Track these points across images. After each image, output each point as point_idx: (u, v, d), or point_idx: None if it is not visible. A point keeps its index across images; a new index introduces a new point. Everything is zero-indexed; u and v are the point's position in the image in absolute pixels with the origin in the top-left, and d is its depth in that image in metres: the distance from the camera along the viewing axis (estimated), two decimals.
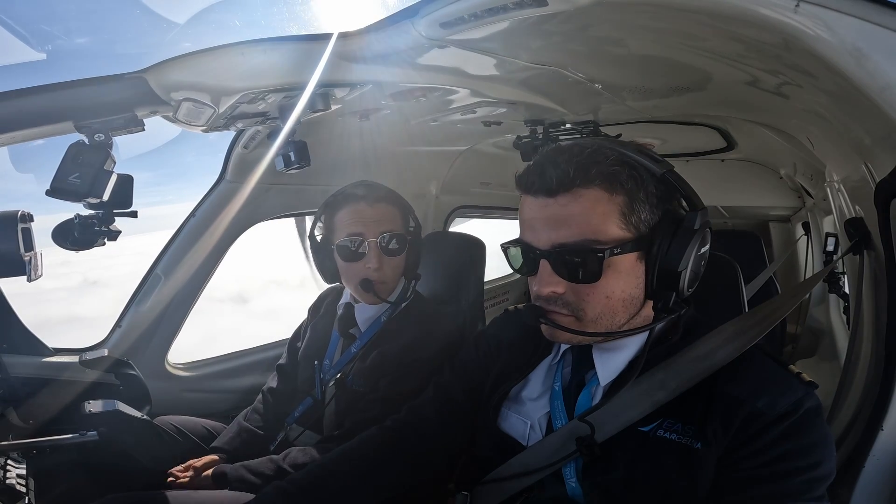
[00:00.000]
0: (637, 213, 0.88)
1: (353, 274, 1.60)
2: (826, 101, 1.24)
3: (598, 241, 0.87)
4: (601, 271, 0.87)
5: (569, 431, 0.97)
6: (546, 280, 0.91)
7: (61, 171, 1.18)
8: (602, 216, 0.87)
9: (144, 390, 1.88)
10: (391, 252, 1.60)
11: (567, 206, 0.88)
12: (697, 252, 0.90)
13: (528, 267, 0.96)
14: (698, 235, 0.88)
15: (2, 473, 1.36)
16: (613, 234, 0.87)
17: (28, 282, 1.25)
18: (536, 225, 0.92)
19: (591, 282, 0.89)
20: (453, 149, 2.86)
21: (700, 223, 0.88)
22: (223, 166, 2.09)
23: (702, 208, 0.89)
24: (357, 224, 1.57)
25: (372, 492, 1.11)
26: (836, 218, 1.89)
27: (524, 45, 1.30)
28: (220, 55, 1.19)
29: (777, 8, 0.85)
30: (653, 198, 0.89)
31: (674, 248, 0.88)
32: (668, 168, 0.90)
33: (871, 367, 1.36)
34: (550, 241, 0.90)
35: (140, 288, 2.11)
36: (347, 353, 1.67)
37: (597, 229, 0.87)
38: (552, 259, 0.90)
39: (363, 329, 1.68)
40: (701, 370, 0.91)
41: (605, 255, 0.86)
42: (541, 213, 0.91)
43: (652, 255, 0.89)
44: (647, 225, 0.89)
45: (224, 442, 1.67)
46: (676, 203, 0.93)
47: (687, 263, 0.88)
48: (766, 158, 3.12)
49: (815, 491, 0.82)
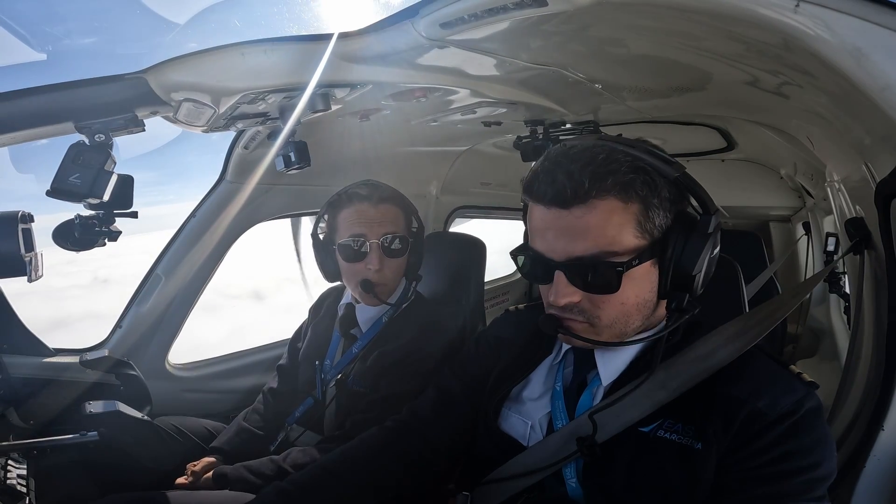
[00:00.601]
0: (652, 220, 0.87)
1: (354, 274, 1.60)
2: (826, 101, 1.24)
3: (615, 253, 0.85)
4: (619, 283, 0.86)
5: (569, 432, 0.97)
6: (563, 291, 0.89)
7: (62, 172, 1.18)
8: (618, 226, 0.85)
9: (145, 391, 1.88)
10: (393, 253, 1.60)
11: (582, 218, 0.85)
12: (710, 254, 0.89)
13: (540, 276, 0.94)
14: (712, 238, 0.88)
15: (2, 474, 1.36)
16: (629, 244, 0.86)
17: (28, 282, 1.26)
18: (549, 235, 0.89)
19: (608, 293, 0.88)
20: (453, 149, 2.86)
21: (714, 227, 0.87)
22: (223, 167, 2.09)
23: (715, 211, 0.88)
24: (360, 224, 1.57)
25: (372, 492, 1.11)
26: (837, 218, 1.88)
27: (524, 46, 1.30)
28: (220, 56, 1.19)
29: (777, 8, 0.84)
30: (666, 202, 0.88)
31: (688, 252, 0.87)
32: (681, 170, 0.89)
33: (871, 368, 1.36)
34: (566, 253, 0.88)
35: (140, 288, 2.11)
36: (348, 354, 1.67)
37: (613, 240, 0.85)
38: (568, 271, 0.89)
39: (364, 329, 1.68)
40: (701, 370, 0.91)
41: (624, 268, 0.85)
42: (554, 224, 0.88)
43: (666, 260, 0.88)
44: (660, 230, 0.88)
45: (223, 442, 1.67)
46: (688, 203, 0.92)
47: (701, 266, 0.88)
48: (767, 158, 3.12)
49: (816, 491, 0.82)
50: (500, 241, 3.24)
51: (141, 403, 1.84)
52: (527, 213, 0.97)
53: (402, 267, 1.66)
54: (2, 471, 1.37)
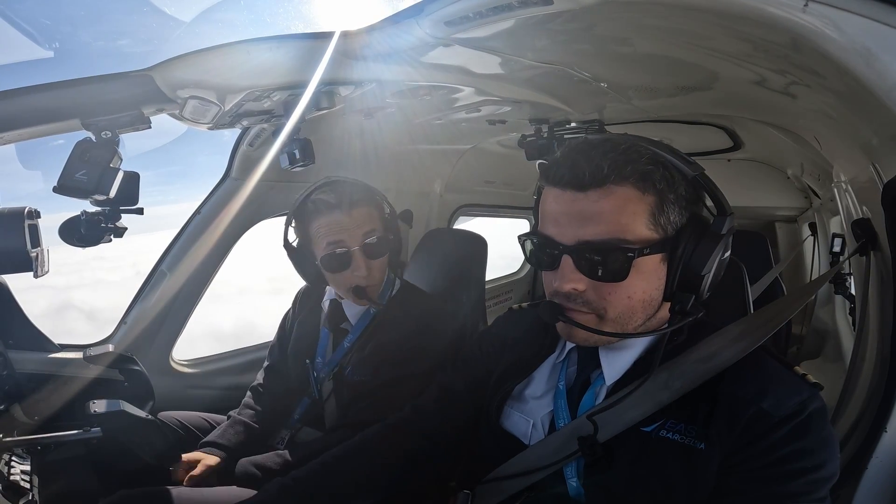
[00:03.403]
0: (666, 215, 0.87)
1: (343, 282, 1.57)
2: (834, 101, 1.23)
3: (626, 241, 0.85)
4: (628, 271, 0.86)
5: (571, 431, 0.97)
6: (568, 276, 0.89)
7: (68, 169, 1.19)
8: (632, 215, 0.85)
9: (148, 386, 1.89)
10: (376, 254, 1.56)
11: (598, 203, 0.85)
12: (721, 257, 0.89)
13: (547, 262, 0.93)
14: (724, 241, 0.88)
15: (6, 470, 1.37)
16: (641, 234, 0.86)
17: (34, 278, 1.26)
18: (562, 219, 0.89)
19: (615, 281, 0.87)
20: (457, 147, 2.86)
21: (727, 229, 0.87)
22: (228, 164, 2.10)
23: (730, 213, 0.88)
24: (336, 233, 1.51)
25: (373, 489, 1.12)
26: (843, 219, 1.87)
27: (529, 44, 1.30)
28: (225, 53, 1.19)
29: (786, 7, 0.84)
30: (682, 200, 0.88)
31: (699, 252, 0.87)
32: (700, 171, 0.88)
33: (875, 369, 1.35)
34: (577, 236, 0.87)
35: (145, 284, 2.12)
36: (340, 348, 1.66)
37: (626, 228, 0.85)
38: (576, 255, 0.88)
39: (354, 322, 1.67)
40: (705, 371, 0.90)
41: (635, 255, 0.85)
42: (568, 208, 0.88)
43: (676, 258, 0.88)
44: (674, 227, 0.88)
45: (217, 436, 1.65)
46: (703, 205, 0.92)
47: (711, 268, 0.87)
48: (773, 158, 3.10)
49: (819, 492, 0.82)
50: (500, 240, 3.22)
51: (144, 399, 1.84)
52: (539, 202, 0.96)
53: (385, 261, 1.63)
54: (6, 467, 1.38)
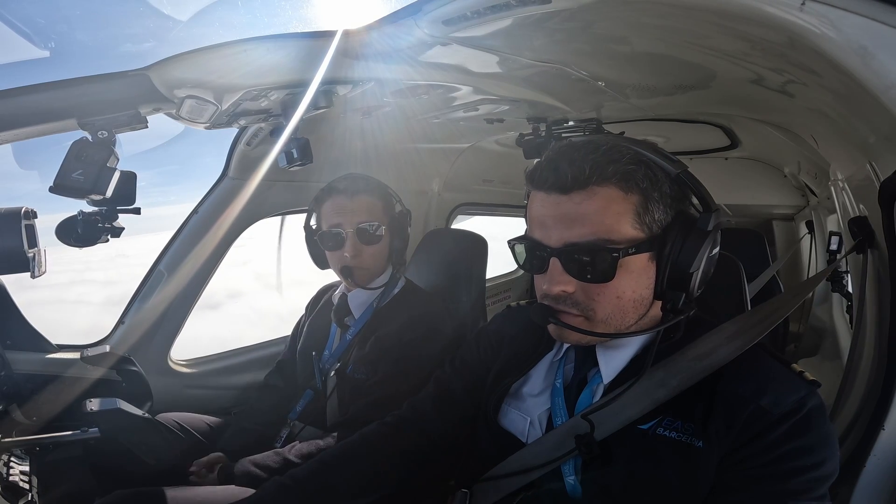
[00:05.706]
0: (651, 213, 0.87)
1: (335, 261, 1.73)
2: (831, 100, 1.23)
3: (612, 241, 0.86)
4: (614, 271, 0.86)
5: (568, 429, 0.97)
6: (557, 279, 0.90)
7: (64, 169, 1.18)
8: (616, 215, 0.86)
9: (146, 387, 1.89)
10: (369, 240, 1.70)
11: (581, 204, 0.86)
12: (709, 253, 0.89)
13: (536, 265, 0.94)
14: (711, 237, 0.88)
15: (5, 470, 1.37)
16: (627, 234, 0.86)
17: (32, 278, 1.26)
18: (548, 222, 0.90)
19: (603, 281, 0.88)
20: (456, 146, 2.86)
21: (713, 225, 0.87)
22: (226, 163, 2.10)
23: (715, 209, 0.89)
24: (337, 215, 1.69)
25: (371, 487, 1.12)
26: (840, 217, 1.88)
27: (527, 43, 1.29)
28: (223, 52, 1.18)
29: (783, 6, 0.84)
30: (667, 198, 0.88)
31: (686, 250, 0.87)
32: (683, 168, 0.89)
33: (873, 367, 1.35)
34: (563, 239, 0.88)
35: (143, 285, 2.12)
36: (344, 341, 1.73)
37: (610, 228, 0.86)
38: (563, 258, 0.89)
39: (357, 315, 1.75)
40: (702, 369, 0.91)
41: (620, 254, 0.85)
42: (553, 211, 0.89)
43: (664, 256, 0.88)
44: (659, 225, 0.88)
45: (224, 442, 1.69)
46: (689, 203, 0.92)
47: (699, 265, 0.88)
48: (771, 157, 3.11)
49: (818, 490, 0.82)
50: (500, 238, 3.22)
51: (142, 400, 1.84)
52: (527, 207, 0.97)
53: (382, 253, 1.75)
54: (4, 468, 1.38)
